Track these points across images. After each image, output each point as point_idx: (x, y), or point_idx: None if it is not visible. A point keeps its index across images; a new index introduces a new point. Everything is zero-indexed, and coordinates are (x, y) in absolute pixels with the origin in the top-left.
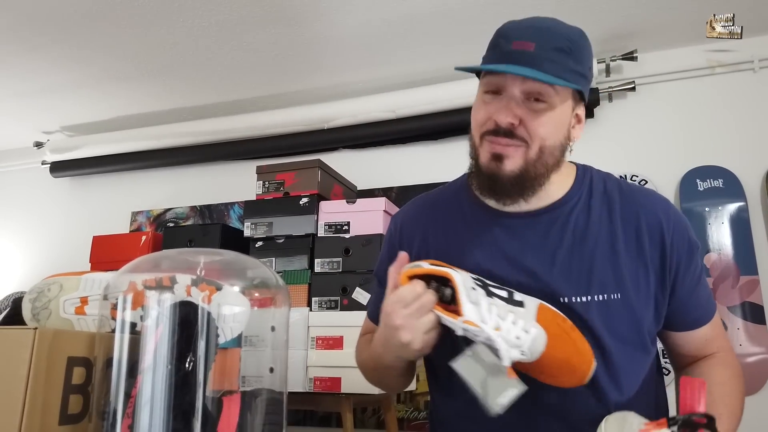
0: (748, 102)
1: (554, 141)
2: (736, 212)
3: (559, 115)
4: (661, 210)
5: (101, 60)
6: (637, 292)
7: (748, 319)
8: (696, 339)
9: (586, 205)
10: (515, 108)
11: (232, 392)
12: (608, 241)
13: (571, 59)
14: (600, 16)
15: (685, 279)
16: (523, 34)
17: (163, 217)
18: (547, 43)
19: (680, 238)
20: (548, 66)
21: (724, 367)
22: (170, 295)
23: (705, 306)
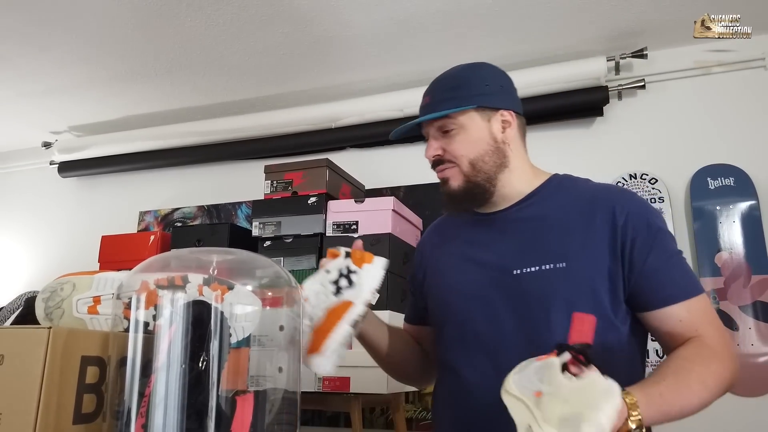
0: (759, 99)
1: (477, 152)
2: (747, 211)
3: (472, 132)
4: (617, 197)
5: (109, 60)
6: (585, 261)
7: (759, 319)
8: (669, 318)
9: (549, 197)
10: (434, 143)
11: (245, 391)
12: (562, 221)
13: (462, 89)
14: (610, 14)
15: (647, 256)
16: (425, 94)
17: (170, 216)
18: (437, 90)
19: (635, 218)
20: (439, 105)
21: (697, 346)
22: (183, 295)
23: (677, 285)
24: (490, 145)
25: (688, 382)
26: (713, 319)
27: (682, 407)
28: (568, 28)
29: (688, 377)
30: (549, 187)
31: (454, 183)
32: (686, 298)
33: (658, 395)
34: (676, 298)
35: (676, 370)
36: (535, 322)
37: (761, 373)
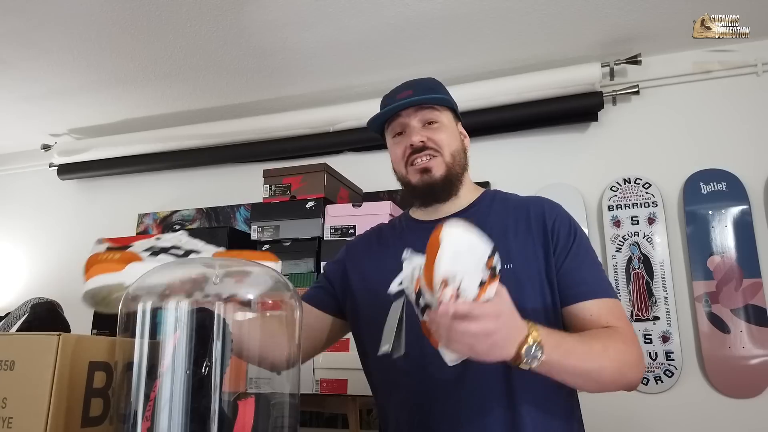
0: (752, 105)
1: (456, 147)
2: (739, 215)
3: (450, 129)
4: (546, 205)
5: (110, 64)
6: (523, 263)
7: (751, 322)
8: (580, 313)
9: (488, 207)
10: (419, 131)
11: (247, 395)
12: (502, 227)
13: (438, 90)
14: (604, 20)
15: (566, 256)
16: (401, 88)
17: (169, 219)
18: (420, 87)
19: (560, 223)
20: (425, 97)
21: (605, 329)
22: (187, 302)
23: (590, 284)
24: (461, 144)
25: (590, 343)
26: (623, 318)
27: (581, 359)
28: (563, 34)
29: (591, 341)
30: (485, 199)
31: (437, 172)
32: (597, 297)
33: (559, 337)
34: (590, 296)
35: (581, 335)
36: None
37: (753, 375)
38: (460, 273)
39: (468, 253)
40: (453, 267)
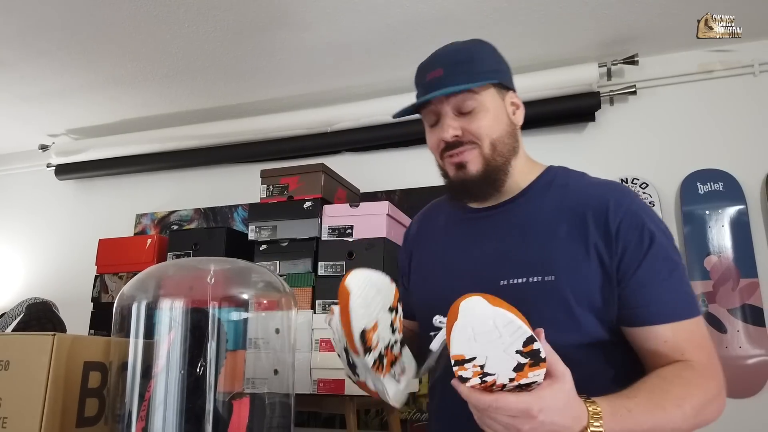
0: (749, 106)
1: (499, 132)
2: (736, 215)
3: (491, 110)
4: (612, 199)
5: (107, 64)
6: (573, 276)
7: (748, 322)
8: (652, 338)
9: (540, 197)
10: (452, 122)
11: (242, 395)
12: (551, 228)
13: (475, 63)
14: (601, 20)
15: (634, 270)
16: (432, 64)
17: (167, 219)
18: (450, 62)
19: (628, 225)
20: (457, 78)
21: (680, 368)
22: (182, 302)
23: (666, 302)
24: (508, 125)
25: (662, 403)
26: (703, 343)
27: (652, 429)
28: (560, 34)
29: (664, 398)
30: (542, 183)
31: (473, 167)
32: (674, 319)
33: (625, 410)
34: (662, 318)
35: (651, 388)
36: None
37: (750, 374)
38: (481, 355)
39: (492, 333)
40: (470, 347)
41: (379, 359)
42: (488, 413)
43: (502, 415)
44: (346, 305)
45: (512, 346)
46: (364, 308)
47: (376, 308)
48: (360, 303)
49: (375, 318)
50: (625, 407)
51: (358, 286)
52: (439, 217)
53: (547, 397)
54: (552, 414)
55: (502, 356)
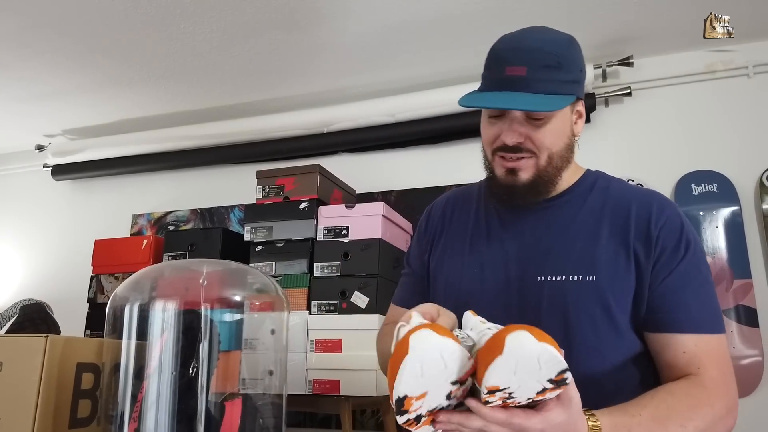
0: (743, 107)
1: (559, 146)
2: (730, 216)
3: (559, 123)
4: (656, 205)
5: (104, 65)
6: (613, 276)
7: (742, 322)
8: (671, 347)
9: (582, 198)
10: (518, 127)
11: (234, 396)
12: (593, 229)
13: (562, 72)
14: (596, 22)
15: (668, 274)
16: (515, 58)
17: (164, 219)
18: (537, 64)
19: (669, 230)
20: (540, 86)
21: (691, 385)
22: (174, 303)
23: (692, 312)
24: (569, 138)
25: (665, 423)
26: (722, 361)
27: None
28: None
29: (668, 417)
30: (584, 185)
31: (524, 175)
32: (697, 331)
33: (625, 429)
34: (685, 327)
35: (657, 404)
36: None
37: (744, 375)
38: (515, 385)
39: (533, 367)
40: (509, 380)
41: (416, 419)
42: (491, 427)
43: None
44: (397, 364)
45: (546, 376)
46: (417, 378)
47: (433, 378)
48: (414, 371)
49: (426, 388)
50: (627, 426)
51: (422, 349)
52: (467, 206)
53: (553, 419)
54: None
55: (533, 385)
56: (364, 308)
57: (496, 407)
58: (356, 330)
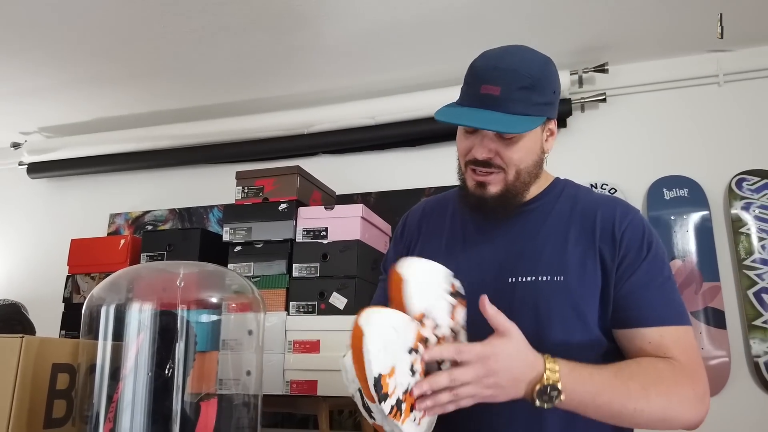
0: (713, 115)
1: (528, 162)
2: (700, 221)
3: (529, 141)
4: (619, 210)
5: (83, 63)
6: (581, 277)
7: (710, 324)
8: (639, 339)
9: (551, 204)
10: (489, 143)
11: (209, 396)
12: (562, 232)
13: (535, 93)
14: (573, 29)
15: (630, 274)
16: (491, 77)
17: (141, 219)
18: (511, 85)
19: (632, 235)
20: (513, 106)
21: (659, 360)
22: (151, 305)
23: (656, 308)
24: (538, 156)
25: (626, 381)
26: (688, 349)
27: (613, 399)
28: (534, 42)
29: (629, 380)
30: (553, 192)
31: (493, 189)
32: (661, 324)
33: (587, 374)
34: (651, 320)
35: (621, 367)
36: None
37: (712, 375)
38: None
39: (428, 279)
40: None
41: (397, 405)
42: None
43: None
44: (359, 348)
45: (445, 289)
46: (381, 352)
47: (394, 351)
48: (376, 346)
49: (392, 362)
50: (587, 371)
51: (374, 325)
52: (445, 211)
53: (499, 346)
54: (505, 360)
55: (442, 304)
56: (343, 309)
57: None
58: (334, 331)
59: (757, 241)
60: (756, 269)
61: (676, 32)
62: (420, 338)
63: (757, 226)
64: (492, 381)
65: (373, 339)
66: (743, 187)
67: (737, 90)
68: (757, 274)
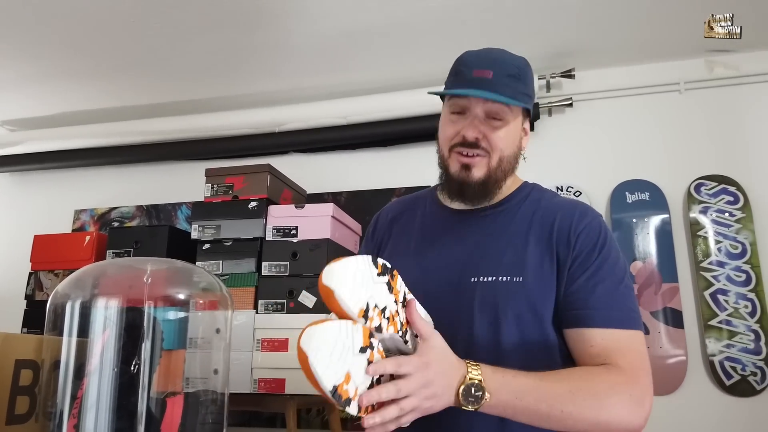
0: (675, 121)
1: (510, 151)
2: (660, 224)
3: (513, 130)
4: (577, 214)
5: (50, 56)
6: (539, 279)
7: (669, 324)
8: (581, 341)
9: (517, 207)
10: (479, 125)
11: (175, 393)
12: (524, 234)
13: (521, 83)
14: (542, 35)
15: (581, 273)
16: (482, 63)
17: (108, 216)
18: (502, 71)
19: (586, 236)
20: (504, 89)
21: (597, 367)
22: (118, 301)
23: (601, 309)
24: (517, 148)
25: (553, 384)
26: (630, 354)
27: (538, 401)
28: (504, 46)
29: (555, 383)
30: (520, 195)
31: (477, 172)
32: (607, 326)
33: (510, 376)
34: (594, 322)
35: (547, 374)
36: (482, 331)
37: (669, 373)
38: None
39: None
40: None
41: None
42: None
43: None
44: (308, 369)
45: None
46: (329, 366)
47: (344, 358)
48: (323, 363)
49: (346, 369)
50: (510, 373)
51: (315, 343)
52: (415, 211)
53: (427, 351)
54: (437, 365)
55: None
56: (312, 308)
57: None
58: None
59: (714, 244)
60: (712, 271)
61: (640, 41)
62: (369, 333)
63: (714, 229)
64: (430, 392)
65: (317, 358)
66: (702, 191)
67: (698, 98)
68: (713, 275)
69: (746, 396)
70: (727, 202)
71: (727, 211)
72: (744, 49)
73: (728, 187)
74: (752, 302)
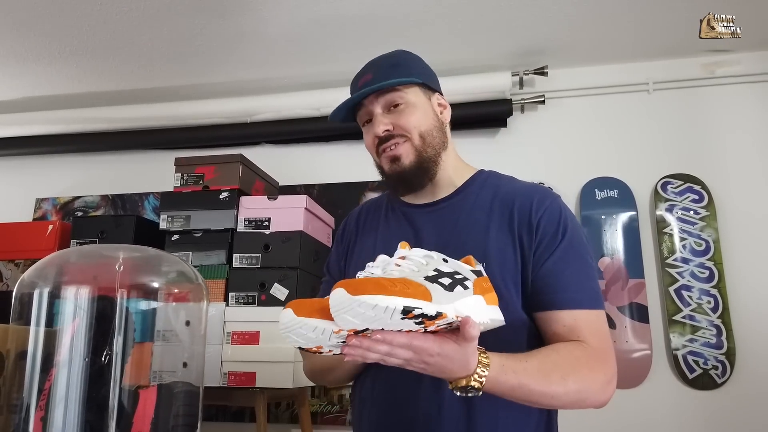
0: (643, 120)
1: (427, 125)
2: (627, 221)
3: (420, 107)
4: (537, 197)
5: (8, 38)
6: (501, 263)
7: (634, 318)
8: (553, 322)
9: (474, 195)
10: (383, 119)
11: (149, 385)
12: (484, 221)
13: (401, 68)
14: (515, 32)
15: (548, 257)
16: (363, 71)
17: (71, 205)
18: (380, 68)
19: (548, 221)
20: (385, 78)
21: (576, 346)
22: (88, 289)
23: (570, 291)
24: (435, 121)
25: (548, 373)
26: (600, 333)
27: (530, 391)
28: (477, 43)
29: (551, 369)
30: (476, 183)
31: (406, 159)
32: (575, 307)
33: (512, 371)
34: (565, 303)
35: (543, 357)
36: None
37: (635, 366)
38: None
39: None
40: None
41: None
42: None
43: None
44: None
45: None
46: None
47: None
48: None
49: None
50: (513, 368)
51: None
52: (377, 213)
53: (448, 350)
54: (445, 360)
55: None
56: (284, 300)
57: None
58: (275, 322)
59: (679, 241)
60: (677, 267)
61: (611, 41)
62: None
63: (679, 227)
64: (432, 361)
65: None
66: (668, 189)
67: (665, 98)
68: (678, 272)
69: (708, 389)
70: (692, 200)
71: (692, 209)
72: (712, 53)
73: (693, 186)
74: (715, 298)
